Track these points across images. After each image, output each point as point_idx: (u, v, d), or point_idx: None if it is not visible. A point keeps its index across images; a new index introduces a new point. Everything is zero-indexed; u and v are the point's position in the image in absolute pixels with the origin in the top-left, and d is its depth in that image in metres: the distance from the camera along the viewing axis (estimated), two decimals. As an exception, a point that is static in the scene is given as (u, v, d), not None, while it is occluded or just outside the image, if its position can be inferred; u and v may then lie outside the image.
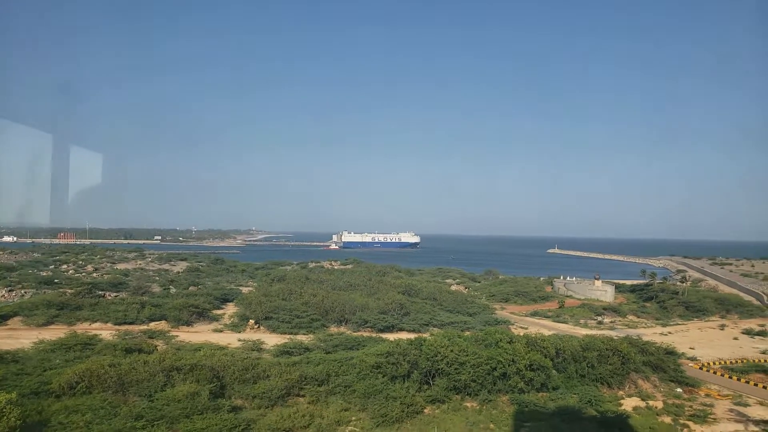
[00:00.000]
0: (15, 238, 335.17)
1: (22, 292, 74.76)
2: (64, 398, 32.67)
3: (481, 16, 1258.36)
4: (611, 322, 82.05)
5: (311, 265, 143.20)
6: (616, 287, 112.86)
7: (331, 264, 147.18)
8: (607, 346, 45.67)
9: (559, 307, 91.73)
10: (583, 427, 33.97)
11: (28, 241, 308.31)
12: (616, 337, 52.89)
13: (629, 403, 40.17)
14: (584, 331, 68.60)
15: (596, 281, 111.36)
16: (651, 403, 40.47)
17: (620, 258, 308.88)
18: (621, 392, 42.55)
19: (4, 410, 25.17)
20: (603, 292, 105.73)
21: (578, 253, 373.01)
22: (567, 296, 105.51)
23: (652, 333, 71.78)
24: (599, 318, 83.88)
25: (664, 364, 47.01)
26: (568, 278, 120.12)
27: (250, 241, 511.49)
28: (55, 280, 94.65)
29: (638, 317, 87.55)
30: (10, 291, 75.07)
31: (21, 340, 51.60)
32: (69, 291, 77.33)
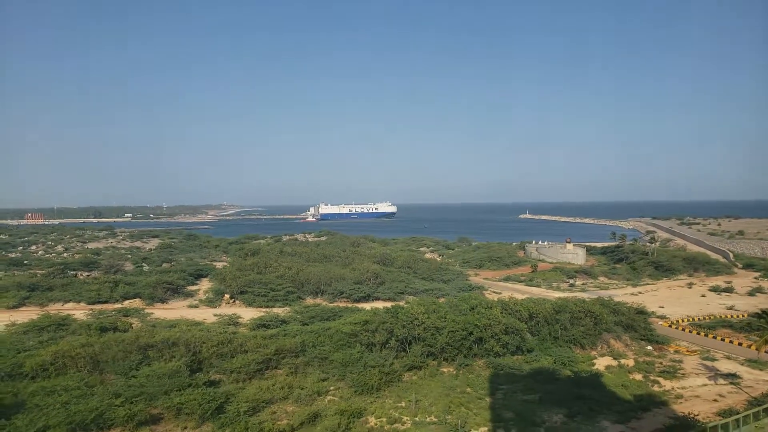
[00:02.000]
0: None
1: (-11, 274, 72.77)
2: (39, 380, 32.22)
3: None
4: (583, 284, 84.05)
5: (285, 238, 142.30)
6: (588, 250, 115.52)
7: (305, 236, 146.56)
8: (579, 308, 46.83)
9: (532, 272, 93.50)
10: (557, 387, 35.02)
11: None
12: (588, 299, 54.23)
13: (602, 363, 41.48)
14: (557, 294, 70.22)
15: (567, 245, 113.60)
16: (623, 361, 41.86)
17: (590, 221, 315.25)
18: (594, 352, 43.87)
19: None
20: (574, 255, 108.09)
21: (549, 218, 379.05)
22: (539, 260, 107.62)
23: (623, 293, 73.90)
24: (571, 281, 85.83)
25: (635, 324, 48.57)
26: (539, 243, 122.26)
27: (222, 216, 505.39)
28: (25, 262, 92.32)
29: (609, 279, 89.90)
30: (-24, 274, 73.02)
31: (-9, 324, 50.35)
32: (40, 272, 75.66)
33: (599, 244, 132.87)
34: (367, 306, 59.08)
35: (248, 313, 57.55)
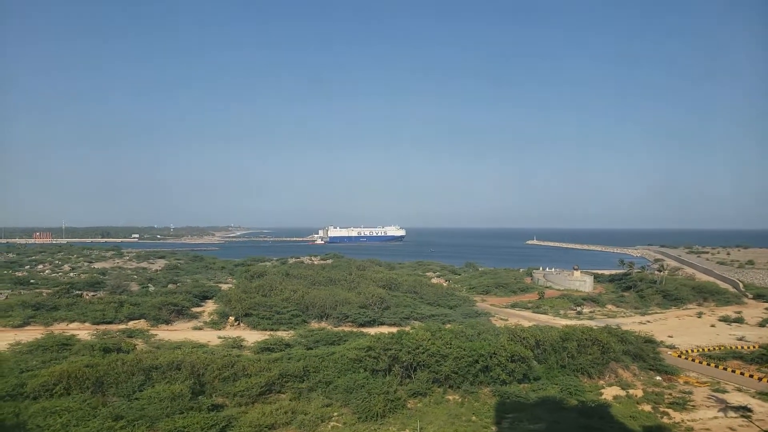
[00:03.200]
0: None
1: (-4, 293, 73.09)
2: (41, 400, 31.98)
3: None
4: (590, 312, 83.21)
5: (291, 260, 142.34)
6: (595, 277, 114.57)
7: (311, 259, 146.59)
8: (586, 336, 46.16)
9: (539, 298, 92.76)
10: (564, 416, 34.39)
11: (3, 241, 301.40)
12: (595, 327, 53.58)
13: (610, 392, 40.73)
14: (564, 322, 69.42)
15: (575, 272, 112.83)
16: (631, 391, 41.08)
17: (598, 248, 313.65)
18: (601, 381, 43.12)
19: (-21, 414, 24.60)
20: (582, 282, 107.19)
21: (556, 244, 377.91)
22: (546, 287, 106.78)
23: (631, 322, 73.01)
24: (578, 308, 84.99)
25: (644, 353, 47.79)
26: (547, 269, 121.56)
27: (229, 237, 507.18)
28: (31, 281, 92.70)
29: (617, 307, 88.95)
30: (-18, 292, 73.38)
31: (-5, 342, 50.34)
32: (46, 291, 75.83)
33: (607, 272, 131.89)
34: (372, 331, 58.58)
35: (252, 336, 57.23)
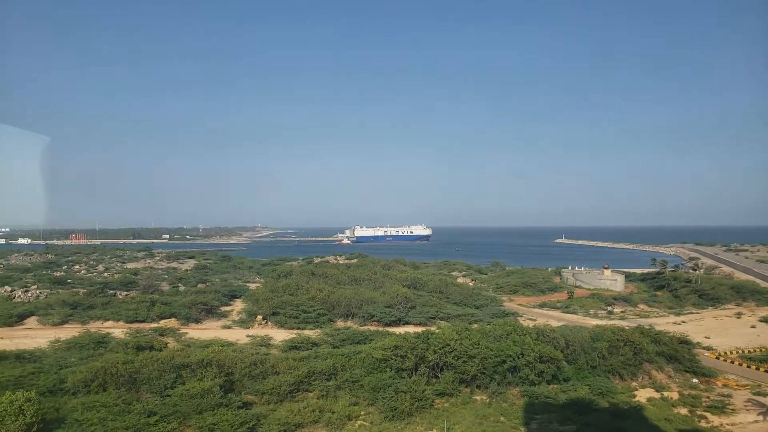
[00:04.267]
0: (29, 240, 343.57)
1: (38, 292, 75.40)
2: (80, 395, 33.01)
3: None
4: (622, 311, 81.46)
5: (316, 260, 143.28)
6: (626, 276, 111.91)
7: (336, 259, 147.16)
8: (618, 336, 45.21)
9: (568, 298, 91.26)
10: (595, 418, 33.72)
11: (42, 242, 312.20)
12: (627, 327, 52.39)
13: (643, 395, 39.77)
14: (594, 322, 68.09)
15: (605, 271, 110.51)
16: (666, 393, 40.00)
17: (629, 246, 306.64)
18: (634, 383, 42.15)
19: (23, 408, 25.56)
20: (613, 281, 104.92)
21: (586, 243, 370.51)
22: (576, 287, 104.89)
23: (665, 322, 71.02)
24: (609, 308, 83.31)
25: (679, 354, 46.28)
26: (576, 268, 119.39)
27: (257, 237, 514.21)
28: (68, 281, 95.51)
29: (650, 306, 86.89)
30: (25, 291, 75.80)
31: (37, 339, 52.19)
32: (82, 291, 78.01)
33: (639, 271, 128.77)
34: (397, 330, 58.58)
35: (280, 335, 57.86)
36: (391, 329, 61.19)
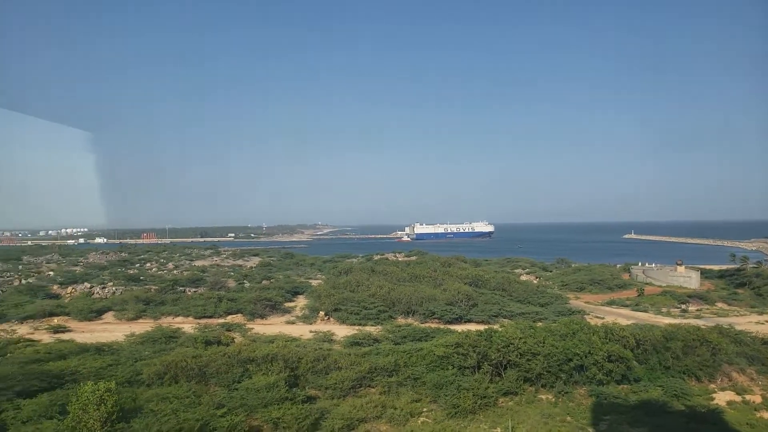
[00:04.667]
0: (105, 240, 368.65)
1: (113, 289, 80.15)
2: (154, 387, 34.68)
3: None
4: (697, 310, 76.95)
5: (376, 257, 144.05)
6: (702, 273, 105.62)
7: (395, 256, 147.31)
8: (693, 336, 42.69)
9: (638, 296, 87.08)
10: (669, 421, 31.95)
11: (117, 241, 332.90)
12: (703, 326, 49.34)
13: (722, 397, 37.42)
14: (667, 320, 64.63)
15: (678, 267, 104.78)
16: (748, 397, 37.49)
17: (705, 242, 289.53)
18: (712, 385, 39.68)
19: (104, 397, 27.02)
20: (687, 278, 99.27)
21: (657, 238, 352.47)
22: (646, 284, 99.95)
23: (746, 322, 66.35)
24: (683, 306, 78.90)
25: (763, 356, 43.30)
26: (646, 265, 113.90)
27: (317, 235, 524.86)
28: (141, 278, 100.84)
29: (729, 305, 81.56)
30: (103, 288, 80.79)
31: (115, 333, 55.67)
32: (153, 287, 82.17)
33: (716, 267, 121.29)
34: (459, 328, 57.89)
35: (342, 331, 58.61)
36: (452, 327, 60.58)
